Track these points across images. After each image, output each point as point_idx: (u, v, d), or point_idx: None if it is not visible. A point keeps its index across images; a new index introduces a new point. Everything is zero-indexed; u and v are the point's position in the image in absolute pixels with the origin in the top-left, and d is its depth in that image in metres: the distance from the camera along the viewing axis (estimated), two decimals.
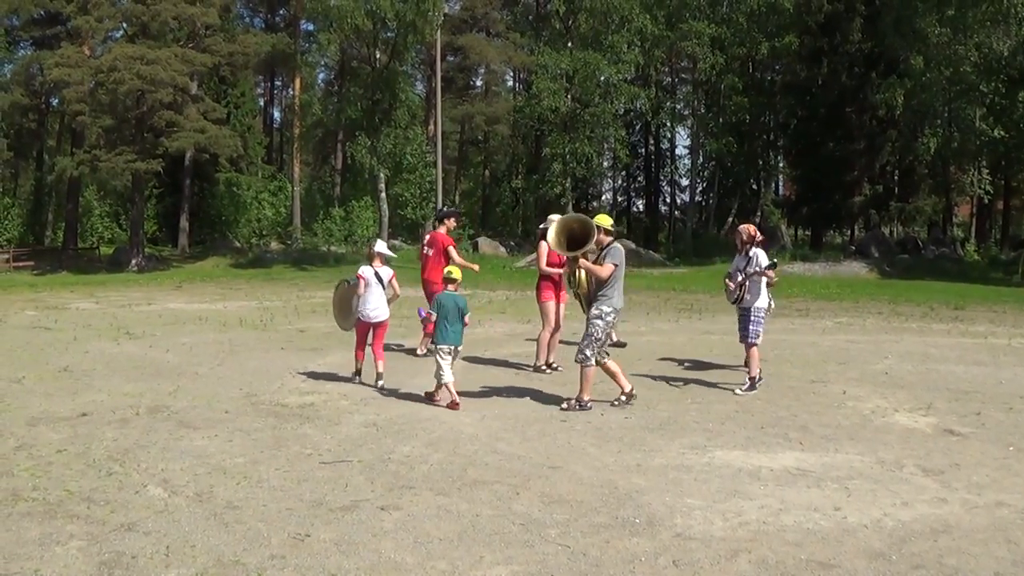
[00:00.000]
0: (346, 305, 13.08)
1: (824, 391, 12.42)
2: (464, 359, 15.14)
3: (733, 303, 12.89)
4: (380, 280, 12.56)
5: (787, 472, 8.32)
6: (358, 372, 12.88)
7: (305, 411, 10.85)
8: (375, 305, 12.53)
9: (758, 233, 13.02)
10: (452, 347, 11.18)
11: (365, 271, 12.53)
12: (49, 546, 6.37)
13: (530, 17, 64.90)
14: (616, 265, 11.09)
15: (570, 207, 56.17)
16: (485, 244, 52.25)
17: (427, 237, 16.28)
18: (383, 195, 49.31)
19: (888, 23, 48.62)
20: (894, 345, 17.48)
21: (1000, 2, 43.02)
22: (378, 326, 12.66)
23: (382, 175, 48.97)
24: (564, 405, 11.16)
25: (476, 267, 16.34)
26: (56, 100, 55.52)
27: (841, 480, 8.07)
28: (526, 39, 61.90)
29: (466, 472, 8.25)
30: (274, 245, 54.51)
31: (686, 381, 13.11)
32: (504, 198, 72.18)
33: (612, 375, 11.38)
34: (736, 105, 58.31)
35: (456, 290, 11.54)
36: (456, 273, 11.67)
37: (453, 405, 11.01)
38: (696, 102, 64.05)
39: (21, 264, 47.22)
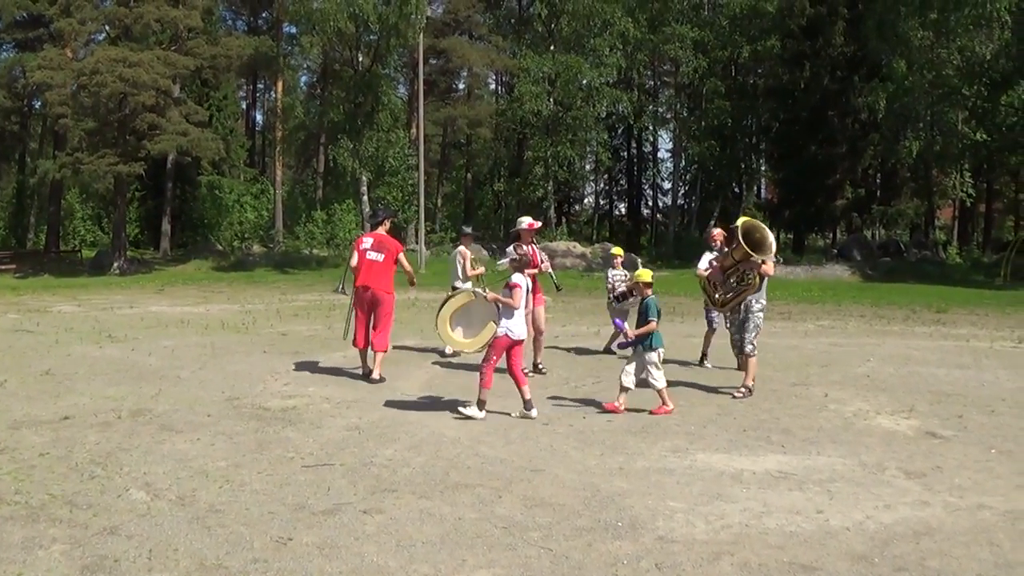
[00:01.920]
0: (483, 319, 11.06)
1: (806, 394, 12.45)
2: (445, 363, 15.17)
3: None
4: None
5: (769, 475, 8.33)
6: (484, 403, 10.88)
7: (287, 414, 10.84)
8: (523, 319, 11.06)
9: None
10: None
11: (522, 280, 11.00)
12: (32, 550, 6.35)
13: (513, 20, 64.94)
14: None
15: (552, 210, 56.29)
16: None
17: (368, 240, 13.85)
18: (365, 198, 49.31)
19: (871, 27, 48.76)
20: (876, 348, 17.54)
21: (983, 6, 43.19)
22: (518, 343, 11.00)
23: (364, 178, 48.97)
24: (737, 394, 12.30)
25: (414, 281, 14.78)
26: (38, 102, 55.38)
27: (823, 483, 8.08)
28: (509, 42, 61.97)
29: (448, 475, 8.24)
30: (256, 248, 54.43)
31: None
32: (486, 201, 72.18)
33: (748, 368, 12.60)
34: (718, 108, 58.39)
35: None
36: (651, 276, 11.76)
37: (667, 410, 11.13)
38: (678, 105, 63.99)
39: (3, 267, 46.99)
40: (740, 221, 12.60)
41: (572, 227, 69.01)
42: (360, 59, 50.59)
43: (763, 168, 65.75)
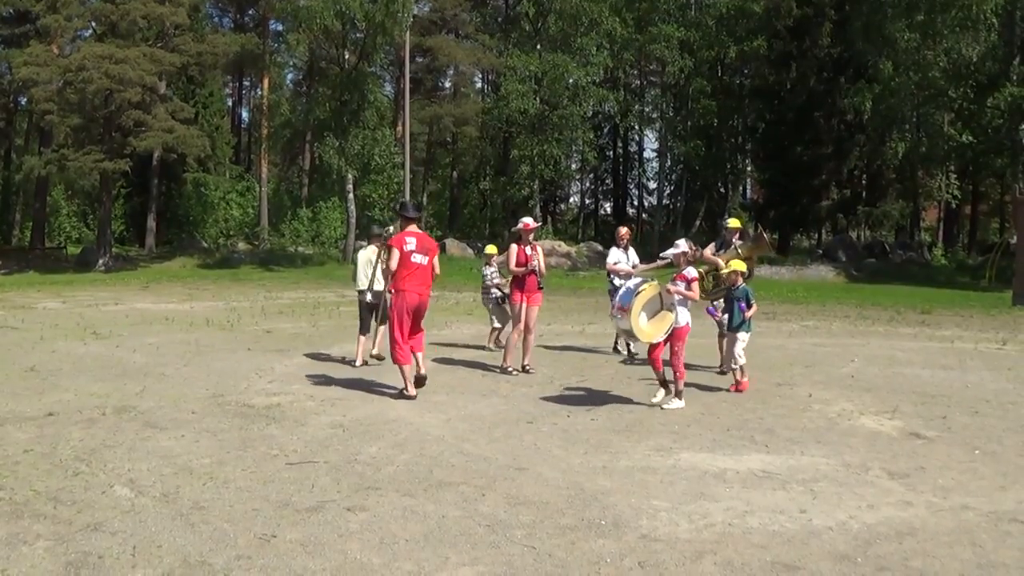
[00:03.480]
0: (658, 310, 11.19)
1: (790, 394, 12.46)
2: (431, 360, 15.16)
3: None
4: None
5: (753, 474, 8.33)
6: (681, 392, 11.49)
7: (271, 412, 10.81)
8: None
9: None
10: None
11: (696, 272, 11.67)
12: (16, 546, 6.33)
13: (499, 19, 64.86)
14: None
15: (537, 209, 56.30)
16: (453, 245, 52.16)
17: (412, 240, 11.79)
18: (351, 196, 49.18)
19: (857, 28, 48.88)
20: (861, 348, 17.58)
21: (969, 8, 43.34)
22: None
23: (350, 176, 48.84)
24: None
25: None
26: (24, 99, 55.13)
27: (807, 482, 8.08)
28: (495, 41, 61.86)
29: (432, 473, 8.23)
30: (241, 245, 54.41)
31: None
32: (472, 200, 72.14)
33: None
34: (704, 108, 58.49)
35: None
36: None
37: (745, 385, 12.60)
38: (664, 105, 64.07)
39: None
40: (731, 222, 14.74)
41: (558, 226, 69.02)
42: (346, 57, 50.54)
43: (749, 168, 65.82)
